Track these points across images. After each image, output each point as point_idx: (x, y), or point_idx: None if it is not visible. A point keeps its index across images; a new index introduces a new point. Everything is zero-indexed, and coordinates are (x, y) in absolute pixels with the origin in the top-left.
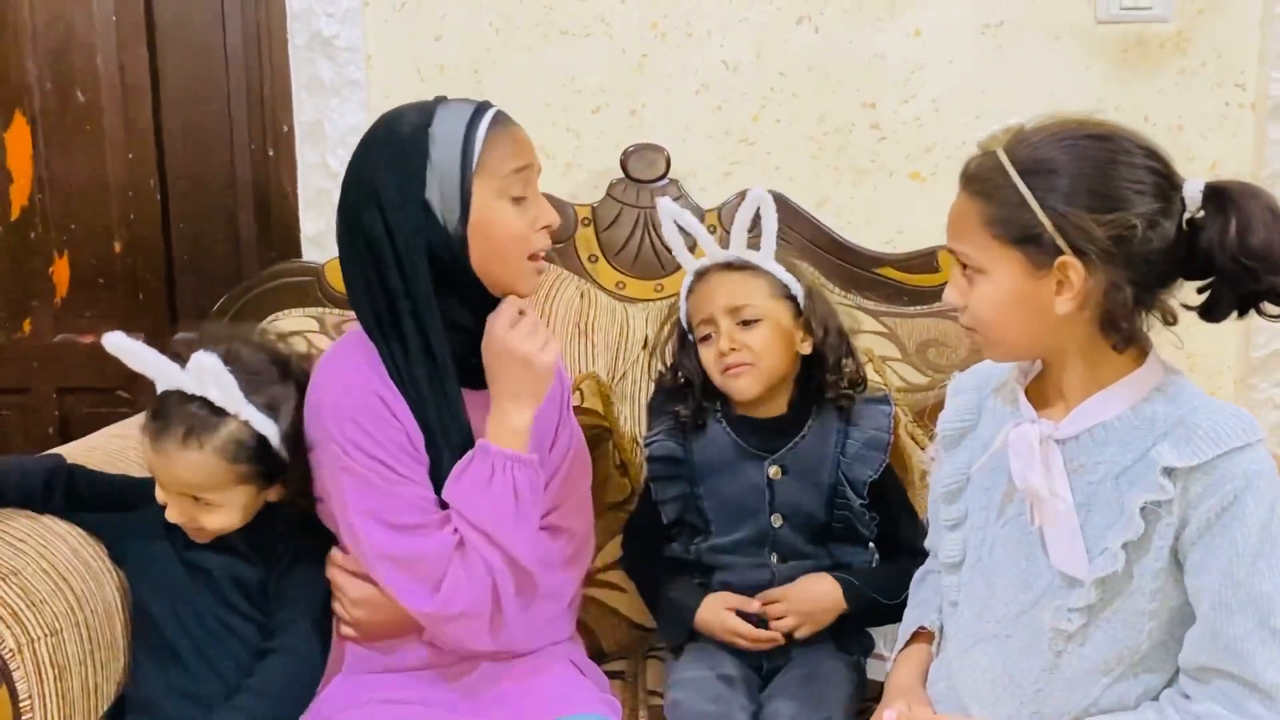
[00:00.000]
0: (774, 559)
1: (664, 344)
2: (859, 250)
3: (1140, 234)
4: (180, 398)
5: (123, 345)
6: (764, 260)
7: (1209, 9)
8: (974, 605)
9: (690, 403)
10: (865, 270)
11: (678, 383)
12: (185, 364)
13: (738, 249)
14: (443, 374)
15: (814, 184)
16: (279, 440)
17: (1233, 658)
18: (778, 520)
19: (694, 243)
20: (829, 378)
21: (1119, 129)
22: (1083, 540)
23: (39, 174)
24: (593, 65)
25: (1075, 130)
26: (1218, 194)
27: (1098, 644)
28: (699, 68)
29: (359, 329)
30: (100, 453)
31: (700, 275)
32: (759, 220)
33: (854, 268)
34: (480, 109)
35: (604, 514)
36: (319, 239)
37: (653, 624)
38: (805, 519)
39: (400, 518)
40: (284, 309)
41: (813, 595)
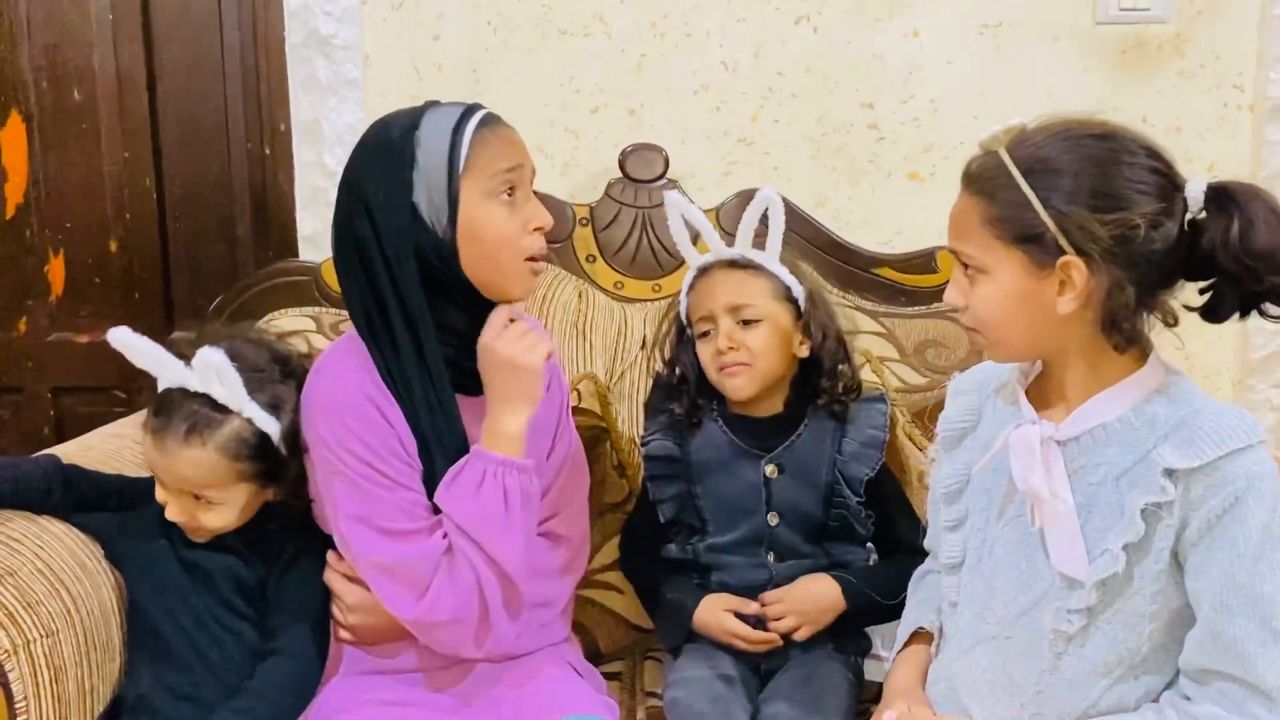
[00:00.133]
0: (771, 558)
1: (663, 338)
2: (857, 251)
3: (1143, 234)
4: (183, 395)
5: (128, 340)
6: (769, 261)
7: (1207, 10)
8: (974, 606)
9: (685, 400)
10: (863, 271)
11: (674, 378)
12: (188, 361)
13: (743, 248)
14: (435, 379)
15: (812, 184)
16: (280, 439)
17: (1234, 659)
18: (774, 519)
19: (695, 235)
20: (824, 383)
21: (1121, 129)
22: (1083, 541)
23: (34, 172)
24: (591, 65)
25: (1077, 130)
26: (1220, 194)
27: (1098, 645)
28: (698, 68)
29: (355, 332)
30: (97, 452)
31: (703, 271)
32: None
33: (852, 268)
34: (469, 111)
35: (602, 515)
36: (316, 238)
37: (650, 625)
38: (802, 518)
39: (390, 523)
40: (280, 308)
41: (812, 595)
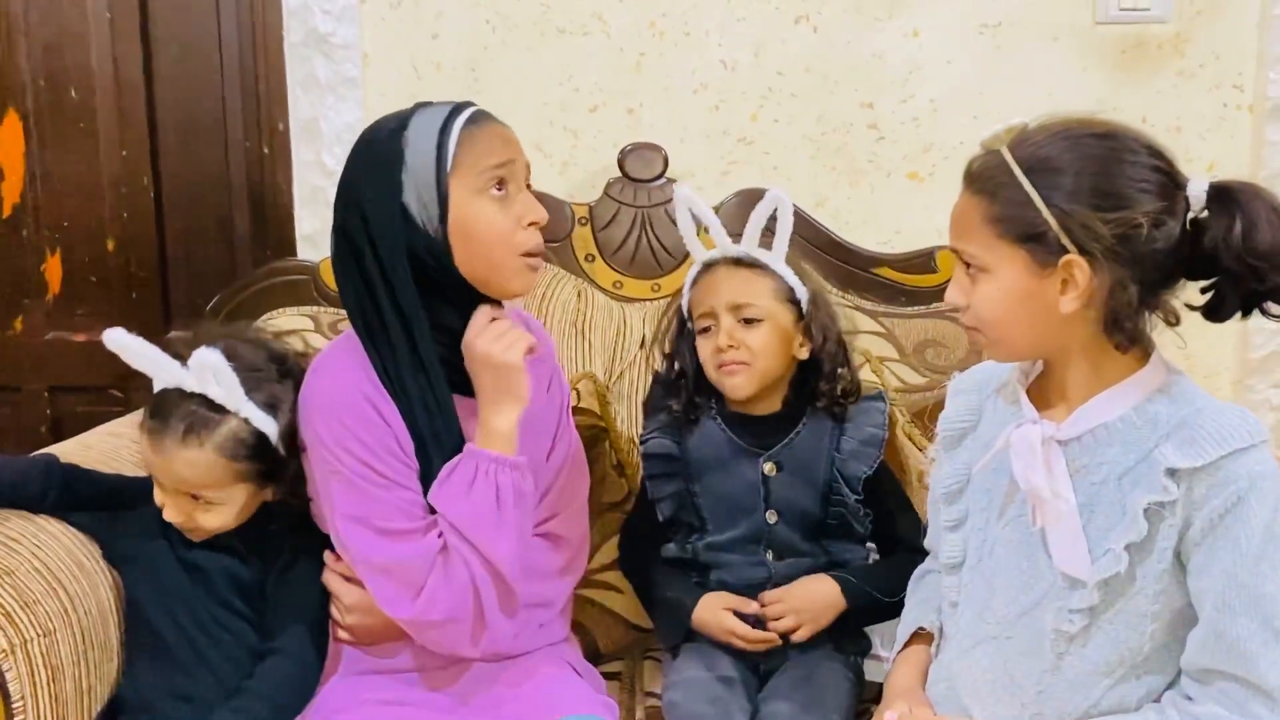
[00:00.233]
0: (770, 556)
1: (664, 332)
2: (857, 250)
3: (1146, 233)
4: (179, 395)
5: (123, 341)
6: (774, 261)
7: (1207, 10)
8: (974, 606)
9: (683, 396)
10: (863, 270)
11: (673, 373)
12: (184, 362)
13: (749, 246)
14: (432, 379)
15: (812, 184)
16: (278, 438)
17: (1236, 659)
18: (773, 517)
19: (697, 228)
20: (823, 386)
21: (1123, 128)
22: (1085, 541)
23: (31, 171)
24: (590, 64)
25: (1079, 129)
26: (1222, 194)
27: (1099, 645)
28: (697, 67)
29: (353, 331)
30: (95, 451)
31: (708, 267)
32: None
33: (851, 268)
34: (457, 109)
35: (601, 514)
36: (314, 237)
37: (649, 624)
38: (800, 516)
39: (386, 522)
40: (279, 308)
41: (812, 595)
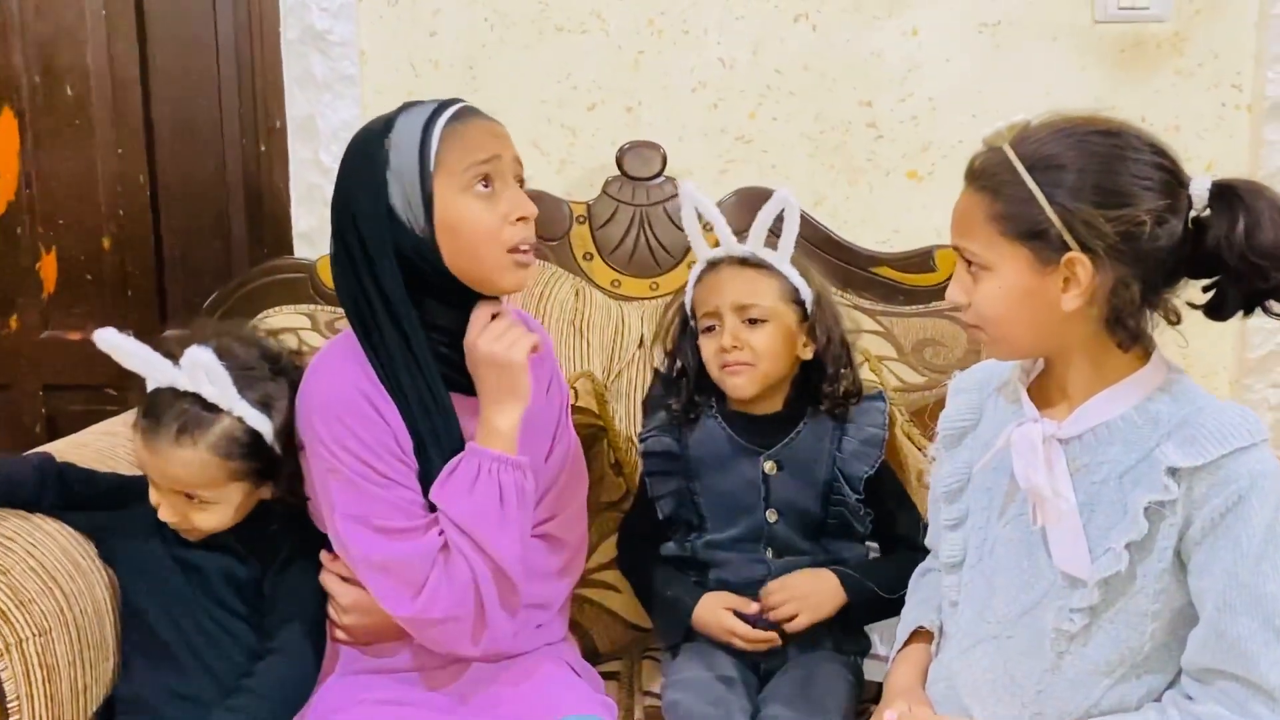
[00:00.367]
0: (769, 554)
1: (666, 328)
2: (855, 249)
3: (1148, 230)
4: (172, 394)
5: (114, 341)
6: (780, 261)
7: (1206, 10)
8: (975, 605)
9: (683, 393)
10: (861, 269)
11: (674, 371)
12: (177, 361)
13: (755, 246)
14: (429, 378)
15: (810, 183)
16: (273, 437)
17: (1237, 659)
18: (773, 516)
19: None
20: (826, 387)
21: (1125, 125)
22: (1086, 540)
23: (26, 169)
24: (589, 62)
25: (1081, 126)
26: (1225, 192)
27: (1100, 644)
28: (695, 65)
29: (352, 330)
30: (90, 450)
31: (712, 265)
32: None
33: (850, 267)
34: (441, 107)
35: (599, 513)
36: (311, 235)
37: (648, 624)
38: (800, 515)
39: (385, 521)
40: (275, 306)
41: (812, 583)
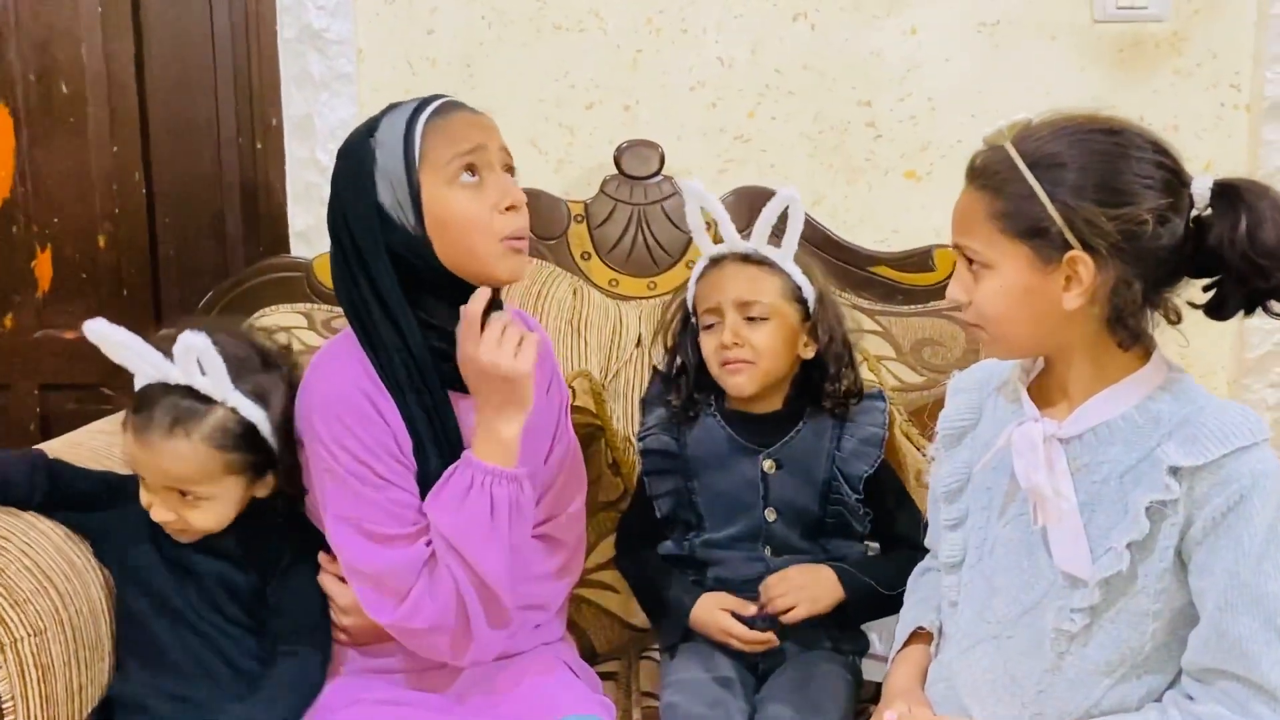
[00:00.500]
0: (768, 552)
1: (668, 324)
2: (854, 249)
3: (1150, 229)
4: (163, 389)
5: (104, 332)
6: (783, 260)
7: (1205, 9)
8: (974, 605)
9: (683, 391)
10: (860, 269)
11: (675, 368)
12: (168, 356)
13: (758, 243)
14: (426, 377)
15: (809, 182)
16: (268, 428)
17: (1238, 658)
18: (771, 515)
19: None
20: (827, 387)
21: (1127, 124)
22: (1086, 540)
23: (21, 167)
24: (586, 60)
25: (1083, 125)
26: (1227, 191)
27: (1100, 644)
28: (694, 64)
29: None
30: (85, 449)
31: (715, 262)
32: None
33: (849, 266)
34: (424, 103)
35: (596, 513)
36: (307, 234)
37: (645, 624)
38: (799, 514)
39: (375, 526)
40: (272, 305)
41: (811, 575)
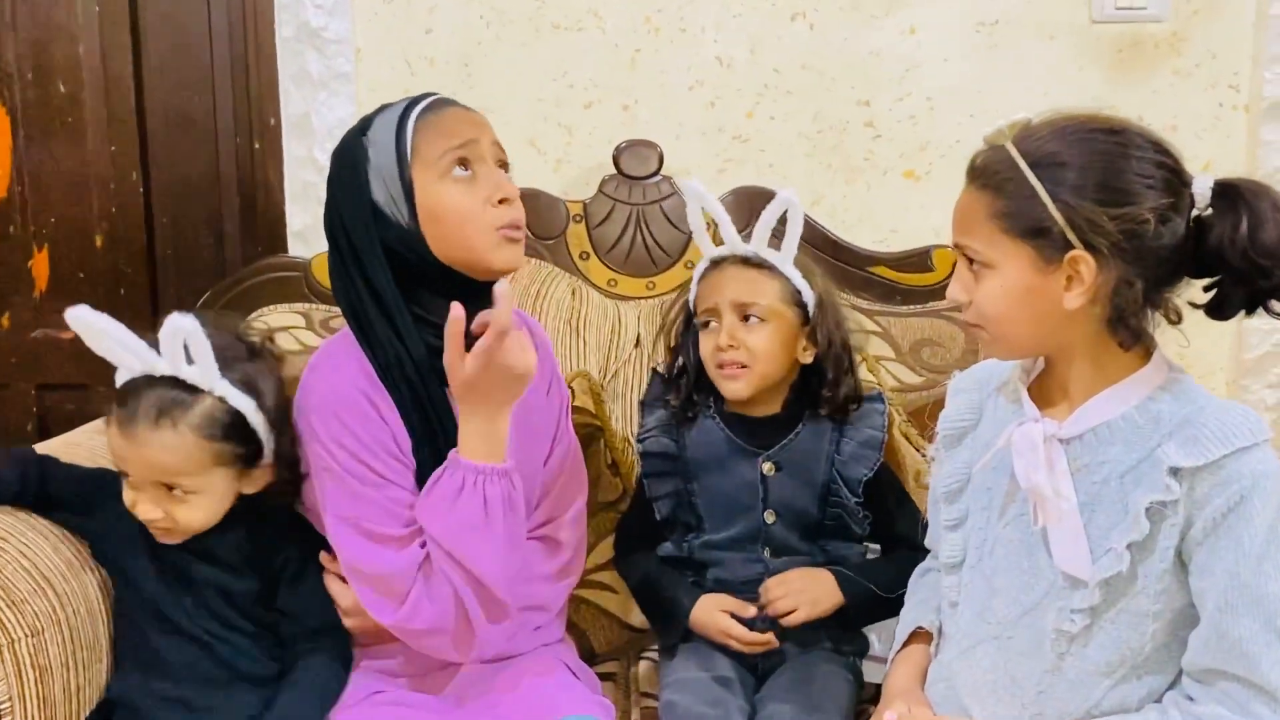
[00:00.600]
0: (767, 554)
1: (671, 324)
2: (853, 249)
3: (1152, 229)
4: (147, 381)
5: (87, 319)
6: (782, 262)
7: (1204, 10)
8: (974, 606)
9: (682, 391)
10: (859, 269)
11: (675, 368)
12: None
13: (758, 246)
14: (423, 374)
15: (808, 182)
16: (257, 418)
17: (1238, 659)
18: (771, 517)
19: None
20: (825, 393)
21: (1128, 123)
22: (1087, 540)
23: (18, 166)
24: (585, 60)
25: (1084, 124)
26: (1228, 191)
27: (1101, 645)
28: (693, 64)
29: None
30: (82, 449)
31: (716, 263)
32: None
33: (848, 266)
34: (415, 101)
35: (595, 514)
36: (305, 233)
37: (645, 624)
38: (798, 516)
39: (374, 526)
40: (270, 304)
41: (810, 578)
